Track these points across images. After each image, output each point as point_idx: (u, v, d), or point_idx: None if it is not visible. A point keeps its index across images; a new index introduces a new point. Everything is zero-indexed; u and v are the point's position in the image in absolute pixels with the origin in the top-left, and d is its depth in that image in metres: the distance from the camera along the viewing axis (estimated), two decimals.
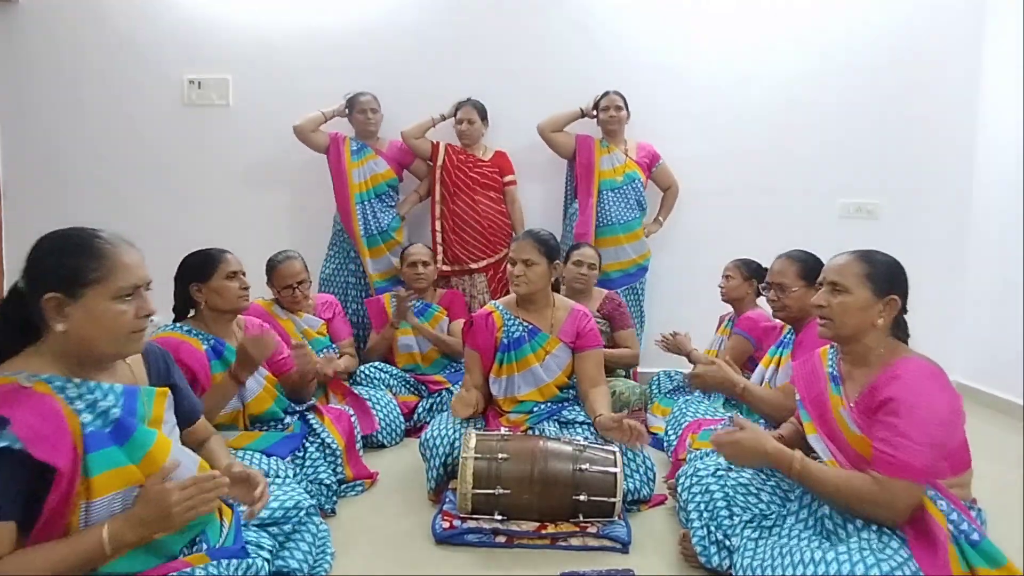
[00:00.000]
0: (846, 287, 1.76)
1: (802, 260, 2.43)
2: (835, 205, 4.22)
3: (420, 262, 3.59)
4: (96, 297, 1.34)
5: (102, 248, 1.37)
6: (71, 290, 1.33)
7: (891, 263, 1.80)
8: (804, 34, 4.12)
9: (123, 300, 1.37)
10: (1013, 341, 3.70)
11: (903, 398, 1.59)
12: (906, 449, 1.56)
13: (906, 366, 1.66)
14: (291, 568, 1.72)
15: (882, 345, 1.76)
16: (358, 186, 3.90)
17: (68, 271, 1.33)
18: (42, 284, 1.32)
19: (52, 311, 1.32)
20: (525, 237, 2.60)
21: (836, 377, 1.84)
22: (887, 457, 1.58)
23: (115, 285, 1.36)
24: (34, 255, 1.37)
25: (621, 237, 3.90)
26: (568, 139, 3.97)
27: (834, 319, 1.77)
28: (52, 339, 1.35)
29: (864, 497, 1.59)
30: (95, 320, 1.34)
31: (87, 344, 1.35)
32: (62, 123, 4.28)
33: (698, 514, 1.92)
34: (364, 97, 3.92)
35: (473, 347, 2.64)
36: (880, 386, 1.66)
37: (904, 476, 1.56)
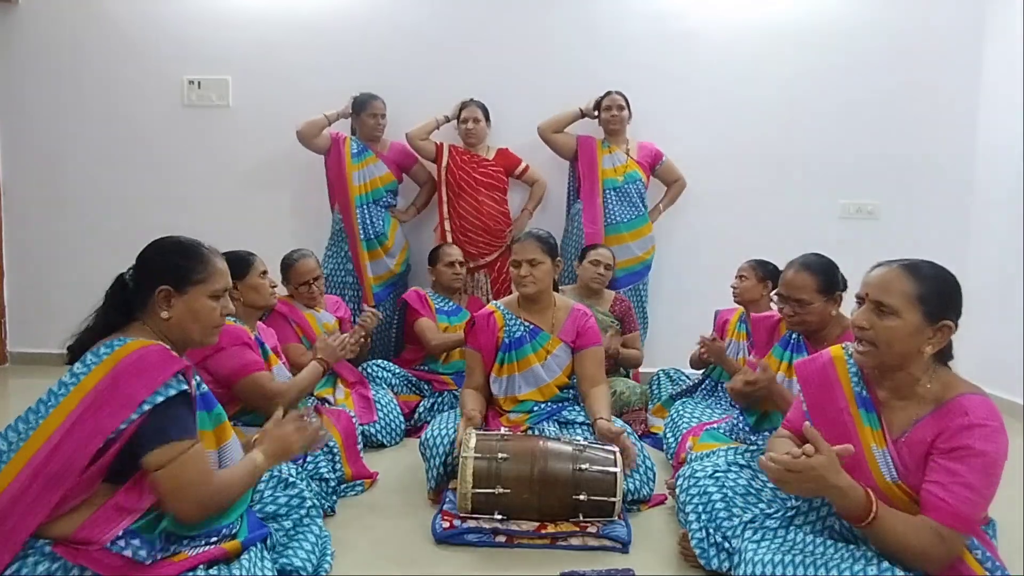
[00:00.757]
0: (894, 309, 1.51)
1: (821, 272, 2.27)
2: (835, 205, 4.22)
3: (457, 262, 3.64)
4: (198, 294, 1.61)
5: (206, 255, 1.65)
6: (180, 285, 1.59)
7: (946, 280, 1.56)
8: (804, 34, 4.12)
9: (216, 299, 1.64)
10: (1013, 341, 3.70)
11: (978, 447, 1.43)
12: (967, 502, 1.42)
13: (978, 410, 1.48)
14: (295, 566, 1.73)
15: (929, 374, 1.55)
16: (358, 188, 3.89)
17: (180, 270, 1.60)
18: (156, 278, 1.58)
19: (162, 301, 1.58)
20: (527, 238, 2.60)
21: (867, 401, 1.62)
22: (944, 505, 1.43)
23: (213, 286, 1.63)
24: (151, 253, 1.64)
25: (625, 236, 3.90)
26: (569, 140, 3.97)
27: (879, 345, 1.54)
28: (152, 323, 1.59)
29: (927, 554, 1.43)
30: (194, 313, 1.61)
31: (183, 331, 1.61)
32: (62, 123, 4.28)
33: (696, 516, 1.91)
34: (375, 101, 3.90)
35: (475, 347, 2.65)
36: (950, 432, 1.47)
37: (959, 528, 1.43)
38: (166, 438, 1.46)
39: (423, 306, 3.56)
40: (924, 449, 1.51)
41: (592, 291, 3.47)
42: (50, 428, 1.42)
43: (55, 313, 4.10)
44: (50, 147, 4.29)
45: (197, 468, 1.50)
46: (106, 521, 1.43)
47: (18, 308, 4.40)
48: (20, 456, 1.41)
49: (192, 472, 1.48)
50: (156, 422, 1.45)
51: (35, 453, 1.40)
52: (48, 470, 1.39)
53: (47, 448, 1.40)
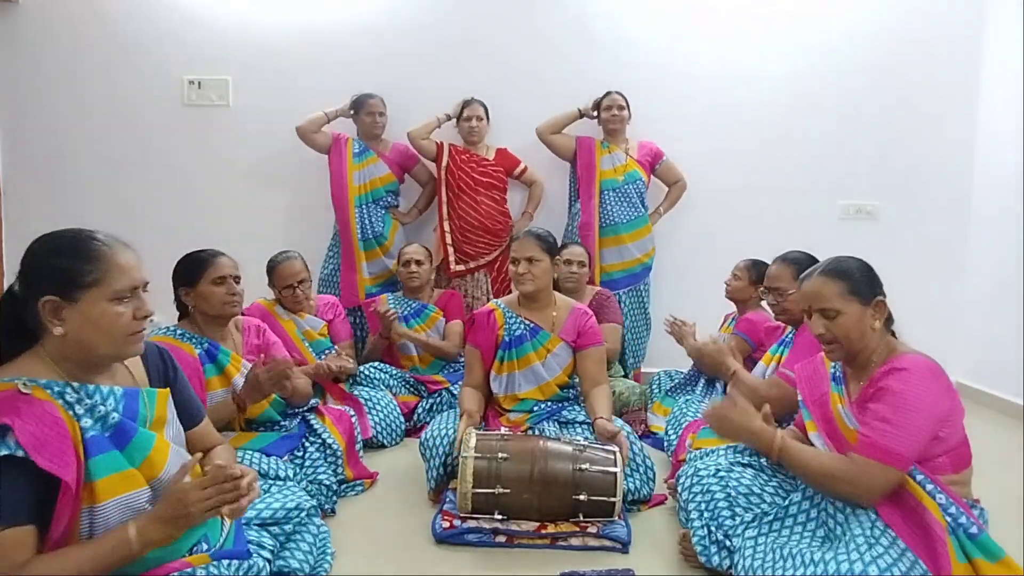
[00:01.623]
0: (836, 309, 1.77)
1: (797, 262, 2.44)
2: (835, 206, 4.22)
3: (413, 260, 3.57)
4: (93, 300, 1.32)
5: (98, 250, 1.35)
6: (68, 293, 1.31)
7: (860, 266, 1.83)
8: (804, 34, 4.12)
9: (121, 302, 1.35)
10: (1013, 341, 3.70)
11: (893, 386, 1.64)
12: (885, 433, 1.61)
13: (903, 360, 1.70)
14: (292, 568, 1.72)
15: (880, 344, 1.79)
16: (358, 188, 3.89)
17: (64, 274, 1.31)
18: (38, 287, 1.31)
19: (49, 314, 1.31)
20: (526, 236, 2.60)
21: (839, 377, 1.88)
22: (865, 439, 1.64)
23: (112, 287, 1.34)
24: (29, 258, 1.35)
25: (624, 236, 3.90)
26: (568, 141, 3.96)
27: (840, 341, 1.78)
28: (50, 343, 1.34)
29: (837, 475, 1.65)
30: (93, 323, 1.32)
31: (86, 347, 1.34)
32: (62, 123, 4.27)
33: (698, 514, 1.92)
34: (373, 99, 3.90)
35: (474, 345, 2.65)
36: (877, 379, 1.71)
37: (878, 458, 1.60)
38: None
39: (374, 318, 3.56)
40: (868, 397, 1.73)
41: (569, 291, 3.37)
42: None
43: None
44: (50, 147, 4.29)
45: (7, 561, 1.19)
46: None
47: None
48: None
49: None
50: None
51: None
52: None
53: None
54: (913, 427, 1.60)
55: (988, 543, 1.54)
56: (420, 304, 3.60)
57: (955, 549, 1.53)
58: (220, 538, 1.54)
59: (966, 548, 1.54)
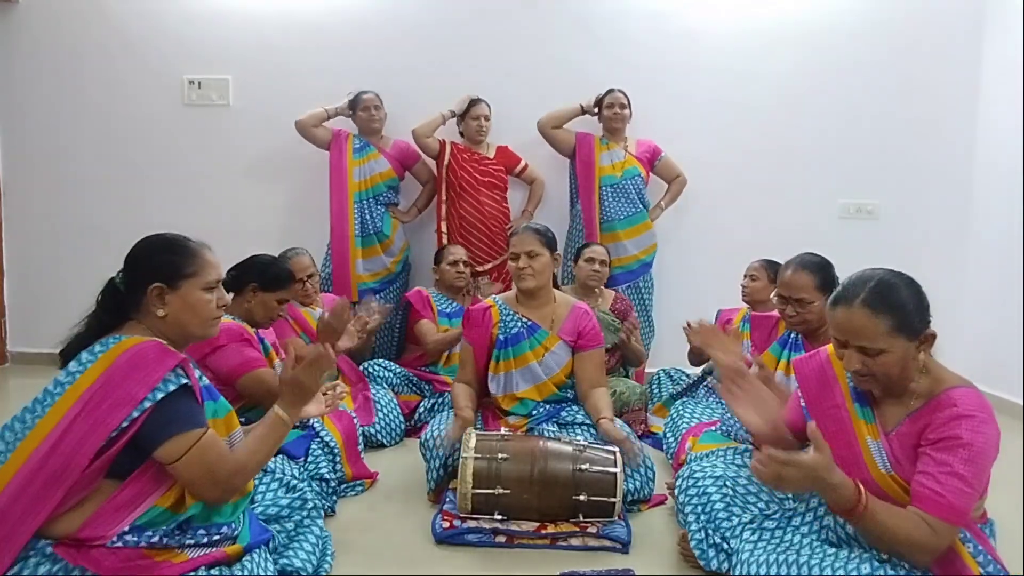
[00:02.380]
0: (880, 349, 1.51)
1: (819, 270, 2.29)
2: (835, 205, 4.21)
3: (461, 261, 3.63)
4: (191, 288, 1.59)
5: (194, 248, 1.63)
6: (172, 282, 1.57)
7: (910, 297, 1.54)
8: (804, 34, 4.12)
9: (209, 291, 1.62)
10: (1013, 341, 3.69)
11: (965, 438, 1.45)
12: (960, 494, 1.43)
13: (966, 401, 1.49)
14: (295, 567, 1.74)
15: (921, 370, 1.57)
16: (357, 184, 3.89)
17: (170, 266, 1.58)
18: (147, 276, 1.56)
19: (155, 299, 1.56)
20: (524, 230, 2.57)
21: (862, 397, 1.65)
22: (934, 496, 1.43)
23: (205, 279, 1.61)
24: (138, 252, 1.62)
25: (620, 234, 3.90)
26: (568, 136, 3.96)
27: (877, 378, 1.55)
28: (149, 321, 1.58)
29: (914, 542, 1.43)
30: (190, 307, 1.59)
31: (181, 327, 1.59)
32: (62, 123, 4.27)
33: (695, 516, 1.91)
34: (367, 95, 3.92)
35: (468, 340, 2.63)
36: (938, 423, 1.49)
37: (953, 520, 1.44)
38: (176, 430, 1.46)
39: (425, 307, 3.56)
40: (914, 441, 1.53)
41: (590, 289, 3.46)
42: (48, 427, 1.41)
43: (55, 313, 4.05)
44: (50, 147, 4.29)
45: (216, 451, 1.52)
46: (109, 517, 1.43)
47: (18, 308, 4.40)
48: (17, 456, 1.41)
49: (213, 455, 1.50)
50: (162, 417, 1.45)
51: (33, 452, 1.40)
52: (47, 469, 1.38)
53: (45, 447, 1.39)
54: (983, 482, 1.48)
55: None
56: (459, 307, 3.63)
57: None
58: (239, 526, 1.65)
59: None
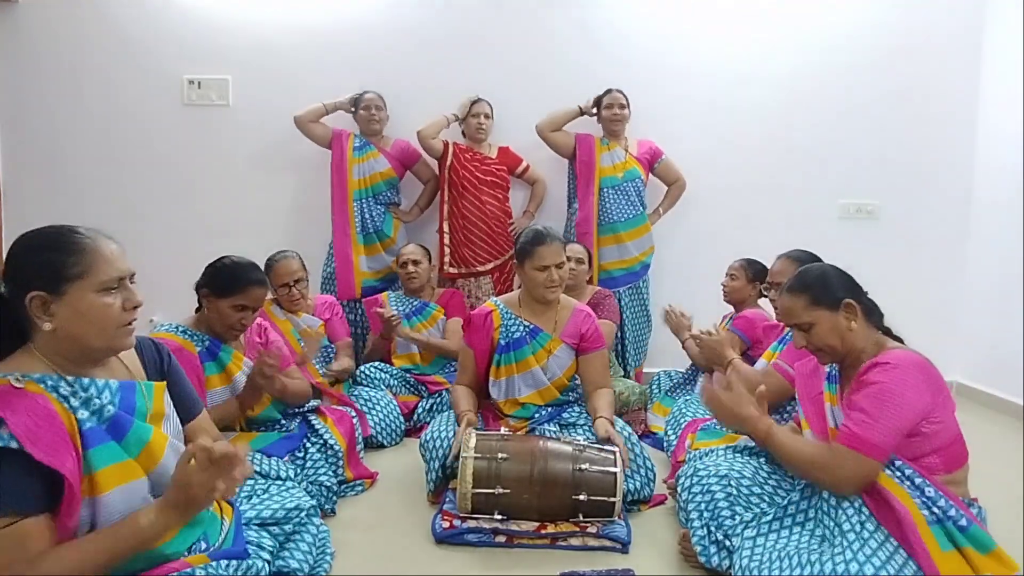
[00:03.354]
0: (806, 323, 1.83)
1: (802, 260, 2.42)
2: (835, 205, 4.22)
3: (411, 261, 3.57)
4: (80, 292, 1.32)
5: (80, 242, 1.34)
6: (54, 287, 1.30)
7: (819, 274, 1.87)
8: (804, 34, 4.12)
9: (108, 293, 1.35)
10: (1013, 341, 3.69)
11: (873, 379, 1.67)
12: (861, 423, 1.64)
13: (888, 355, 1.72)
14: (291, 568, 1.71)
15: (869, 342, 1.81)
16: (357, 183, 3.90)
17: (48, 268, 1.31)
18: (24, 284, 1.30)
19: (37, 310, 1.31)
20: (553, 240, 2.50)
21: (834, 376, 1.90)
22: (844, 429, 1.68)
23: (98, 278, 1.33)
24: (12, 255, 1.34)
25: (623, 235, 3.89)
26: (568, 138, 3.96)
27: (821, 349, 1.84)
28: (41, 339, 1.34)
29: (816, 462, 1.70)
30: (82, 315, 1.32)
31: (77, 341, 1.34)
32: (62, 123, 4.27)
33: (698, 514, 1.92)
34: (369, 95, 3.92)
35: (469, 344, 2.62)
36: (861, 373, 1.73)
37: (855, 447, 1.63)
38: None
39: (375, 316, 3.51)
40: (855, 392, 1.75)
41: (568, 289, 3.40)
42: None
43: None
44: (50, 147, 4.29)
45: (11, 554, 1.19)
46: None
47: None
48: None
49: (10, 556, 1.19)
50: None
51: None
52: None
53: None
54: (890, 418, 1.62)
55: (978, 535, 1.55)
56: (421, 302, 3.61)
57: (938, 537, 1.54)
58: (219, 538, 1.54)
59: (955, 539, 1.55)
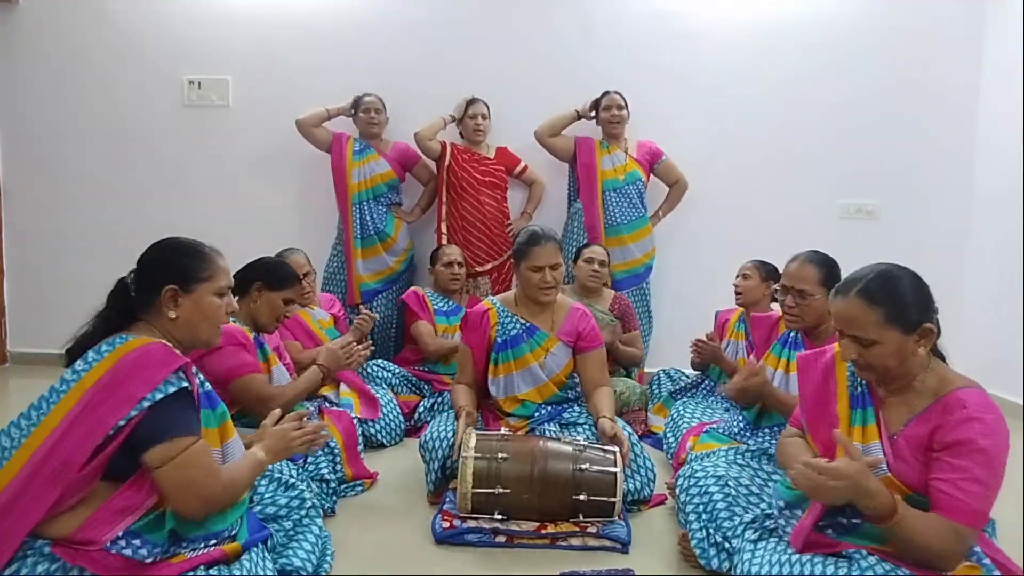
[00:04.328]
0: (872, 340, 1.53)
1: (824, 265, 2.28)
2: (835, 205, 4.21)
3: (456, 262, 3.64)
4: (204, 293, 1.62)
5: (209, 254, 1.66)
6: (186, 285, 1.59)
7: (909, 287, 1.57)
8: (804, 34, 4.11)
9: (220, 297, 1.65)
10: (1013, 341, 3.69)
11: (979, 442, 1.44)
12: (978, 497, 1.43)
13: (976, 403, 1.49)
14: (295, 567, 1.74)
15: (926, 369, 1.58)
16: (356, 185, 3.90)
17: (185, 269, 1.61)
18: (162, 278, 1.58)
19: (169, 301, 1.58)
20: (548, 241, 2.51)
21: (865, 399, 1.65)
22: (958, 503, 1.43)
23: (218, 284, 1.64)
24: (154, 254, 1.63)
25: (626, 237, 3.90)
26: (567, 142, 3.96)
27: (874, 368, 1.57)
28: (159, 323, 1.59)
29: (942, 549, 1.43)
30: (201, 311, 1.61)
31: (191, 330, 1.61)
32: (62, 123, 4.27)
33: (696, 516, 1.91)
34: (369, 98, 3.92)
35: (466, 343, 2.63)
36: (949, 426, 1.48)
37: (973, 524, 1.44)
38: (167, 435, 1.44)
39: (421, 308, 3.56)
40: (922, 443, 1.52)
41: (590, 290, 3.46)
42: (51, 424, 1.41)
43: (55, 313, 4.10)
44: (50, 147, 4.29)
45: (201, 464, 1.48)
46: (106, 521, 1.41)
47: (18, 308, 4.40)
48: (21, 453, 1.41)
49: (197, 468, 1.47)
50: (156, 419, 1.43)
51: (36, 450, 1.40)
52: (48, 467, 1.38)
53: (47, 445, 1.39)
54: (1000, 483, 1.46)
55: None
56: (456, 306, 3.64)
57: None
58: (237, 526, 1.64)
59: None
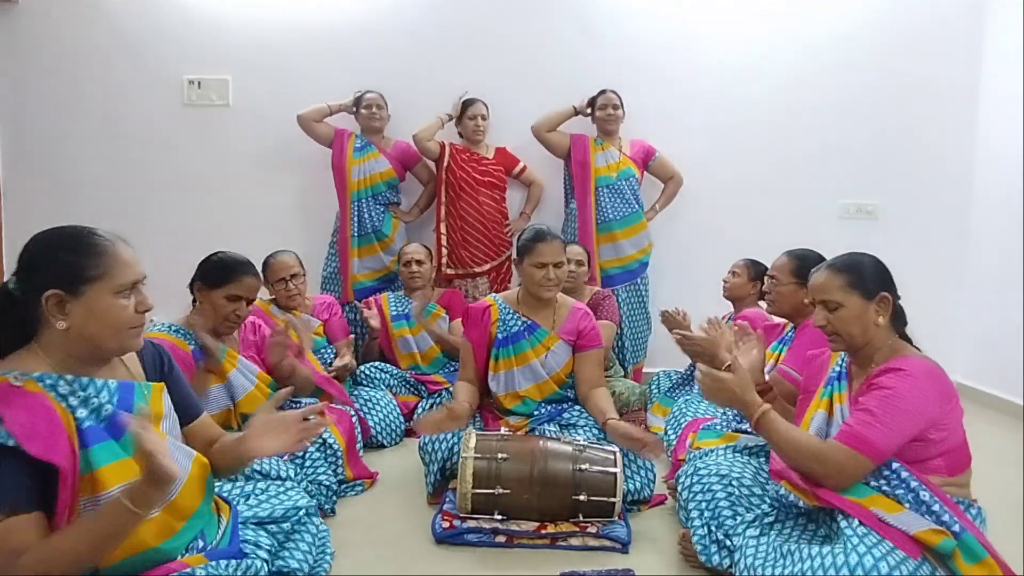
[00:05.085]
0: (837, 302, 1.79)
1: (798, 258, 2.45)
2: (835, 205, 4.22)
3: (414, 260, 3.59)
4: (97, 293, 1.34)
5: (100, 245, 1.37)
6: (72, 287, 1.32)
7: (869, 263, 1.85)
8: (804, 34, 4.12)
9: (123, 296, 1.37)
10: (1013, 341, 3.69)
11: (884, 383, 1.66)
12: (866, 424, 1.63)
13: (902, 361, 1.71)
14: (291, 568, 1.71)
15: (885, 343, 1.79)
16: (356, 183, 3.90)
17: (68, 268, 1.32)
18: (41, 282, 1.31)
19: (53, 308, 1.31)
20: (553, 239, 2.53)
21: (843, 375, 1.88)
22: (846, 428, 1.67)
23: (115, 281, 1.35)
24: (30, 253, 1.36)
25: (618, 234, 3.90)
26: (563, 138, 3.96)
27: (839, 333, 1.80)
28: (49, 337, 1.34)
29: (810, 453, 1.68)
30: (97, 316, 1.34)
31: (89, 340, 1.35)
32: (62, 123, 4.27)
33: (699, 513, 1.91)
34: (371, 94, 3.93)
35: (468, 339, 2.64)
36: (873, 376, 1.72)
37: (853, 445, 1.63)
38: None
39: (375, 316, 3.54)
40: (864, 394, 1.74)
41: (568, 291, 3.39)
42: None
43: None
44: (50, 147, 4.29)
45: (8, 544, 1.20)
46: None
47: None
48: None
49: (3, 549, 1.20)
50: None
51: None
52: None
53: None
54: (895, 423, 1.62)
55: (970, 543, 1.53)
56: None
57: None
58: (216, 537, 1.54)
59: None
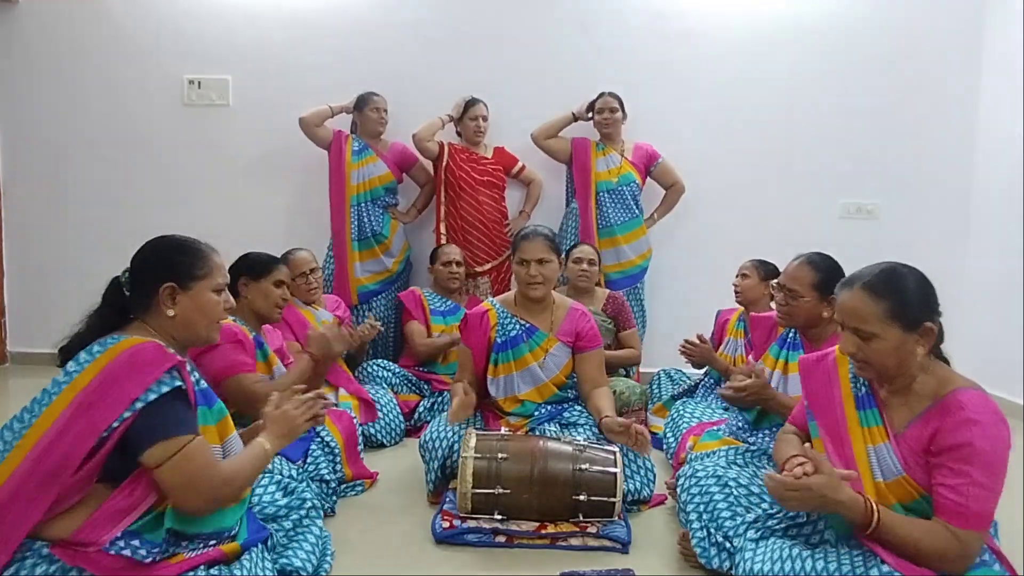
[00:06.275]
0: (873, 333, 1.53)
1: (821, 270, 2.23)
2: (835, 205, 4.21)
3: (454, 261, 3.64)
4: (202, 289, 1.62)
5: (205, 251, 1.66)
6: (184, 282, 1.59)
7: (913, 285, 1.57)
8: (804, 34, 4.11)
9: (218, 294, 1.65)
10: (1013, 341, 3.69)
11: (978, 445, 1.44)
12: (981, 500, 1.43)
13: (974, 405, 1.49)
14: (295, 567, 1.74)
15: (926, 370, 1.58)
16: (355, 187, 3.89)
17: (182, 266, 1.61)
18: (157, 276, 1.58)
19: (166, 298, 1.58)
20: (535, 237, 2.52)
21: (869, 401, 1.65)
22: (961, 508, 1.44)
23: (215, 281, 1.64)
24: (149, 252, 1.64)
25: (619, 239, 3.90)
26: (563, 144, 3.96)
27: (872, 364, 1.57)
28: (157, 321, 1.59)
29: (943, 554, 1.44)
30: (200, 308, 1.61)
31: (189, 328, 1.61)
32: (62, 123, 4.27)
33: (697, 515, 1.91)
34: (376, 97, 3.91)
35: (466, 344, 2.63)
36: (948, 429, 1.48)
37: (975, 527, 1.44)
38: (163, 434, 1.44)
39: (416, 307, 3.57)
40: (922, 445, 1.53)
41: (581, 290, 3.43)
42: (44, 426, 1.41)
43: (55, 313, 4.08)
44: (50, 147, 4.29)
45: (201, 460, 1.47)
46: (104, 522, 1.42)
47: (18, 308, 4.40)
48: (15, 455, 1.40)
49: (197, 464, 1.46)
50: (151, 419, 1.43)
51: (29, 452, 1.39)
52: (42, 469, 1.38)
53: (41, 446, 1.39)
54: (1001, 483, 1.46)
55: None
56: (455, 304, 3.65)
57: None
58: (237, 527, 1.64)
59: None
